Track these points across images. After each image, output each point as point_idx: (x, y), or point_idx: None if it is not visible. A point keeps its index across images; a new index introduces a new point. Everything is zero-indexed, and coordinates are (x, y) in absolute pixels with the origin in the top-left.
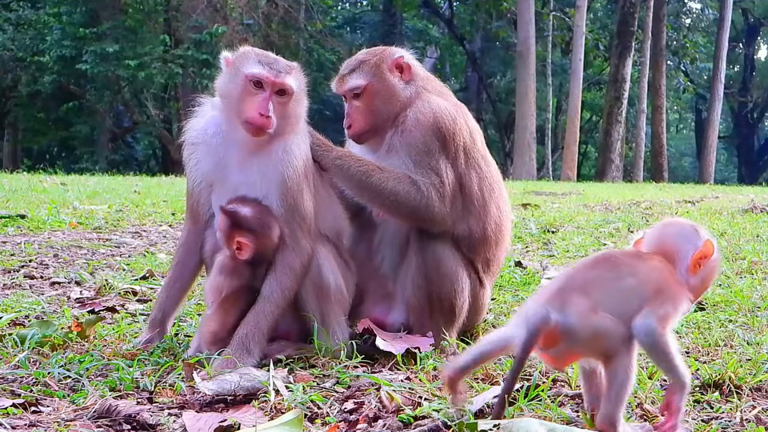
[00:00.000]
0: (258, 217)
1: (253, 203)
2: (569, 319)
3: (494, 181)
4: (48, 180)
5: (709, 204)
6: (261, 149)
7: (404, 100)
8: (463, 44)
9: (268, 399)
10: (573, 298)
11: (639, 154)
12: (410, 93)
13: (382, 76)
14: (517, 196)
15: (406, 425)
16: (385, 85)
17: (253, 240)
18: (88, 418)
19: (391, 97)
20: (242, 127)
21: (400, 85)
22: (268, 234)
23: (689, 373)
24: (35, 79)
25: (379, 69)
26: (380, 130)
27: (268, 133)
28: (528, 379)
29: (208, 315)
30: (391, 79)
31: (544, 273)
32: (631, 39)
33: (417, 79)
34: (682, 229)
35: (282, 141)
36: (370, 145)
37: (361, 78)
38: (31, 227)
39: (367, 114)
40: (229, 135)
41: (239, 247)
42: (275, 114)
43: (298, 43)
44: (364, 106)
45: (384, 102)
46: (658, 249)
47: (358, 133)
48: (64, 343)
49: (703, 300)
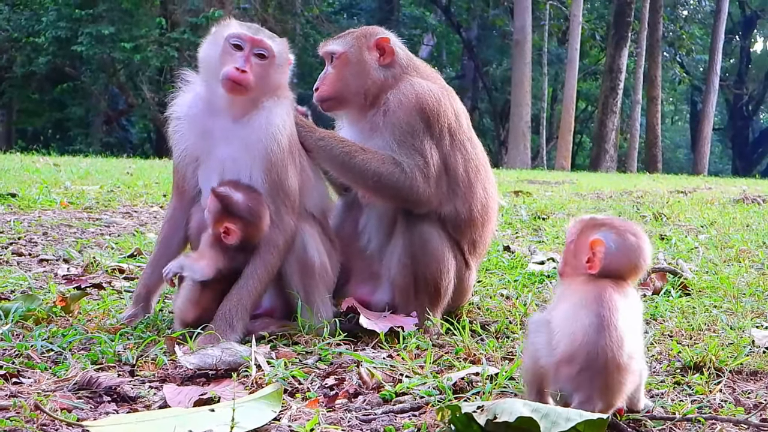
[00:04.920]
0: (250, 205)
1: (246, 189)
2: None
3: (480, 163)
4: (41, 160)
5: (701, 194)
6: (243, 117)
7: (378, 82)
8: (460, 32)
9: (249, 374)
10: None
11: (633, 144)
12: (387, 76)
13: (359, 50)
14: (510, 184)
15: (386, 401)
16: (359, 59)
17: (242, 227)
18: (69, 390)
19: (362, 73)
20: (221, 86)
21: (374, 65)
22: (257, 224)
23: None
24: (30, 60)
25: (358, 42)
26: (346, 103)
27: (246, 91)
28: (511, 359)
29: (188, 292)
30: (366, 56)
31: (532, 257)
32: (627, 29)
33: (398, 64)
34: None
35: (264, 112)
36: (352, 125)
37: (340, 45)
38: (22, 206)
39: (335, 81)
40: (212, 105)
41: (226, 232)
42: (254, 74)
43: (295, 27)
44: (336, 73)
45: (353, 75)
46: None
47: (322, 97)
48: (48, 317)
49: (688, 285)
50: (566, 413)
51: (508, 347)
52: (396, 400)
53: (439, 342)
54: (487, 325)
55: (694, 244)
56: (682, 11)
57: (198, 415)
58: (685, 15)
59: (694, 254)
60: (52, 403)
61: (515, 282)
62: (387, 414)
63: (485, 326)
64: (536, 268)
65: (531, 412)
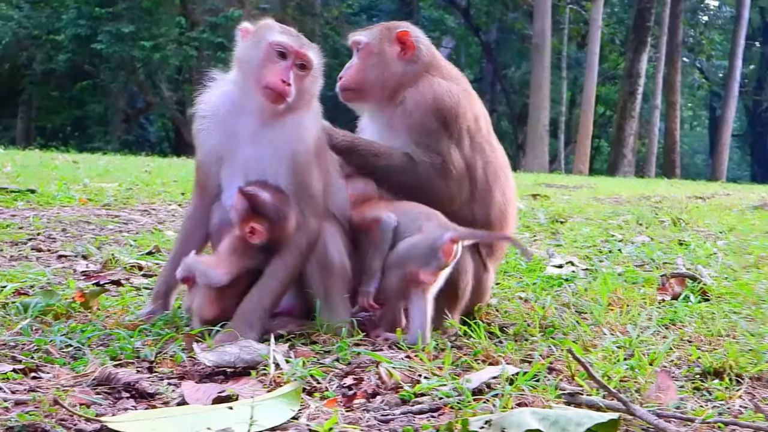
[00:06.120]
0: (277, 205)
1: (274, 190)
2: None
3: (499, 167)
4: (60, 157)
5: (719, 200)
6: (273, 122)
7: (396, 75)
8: (479, 35)
9: (267, 372)
10: None
11: (652, 150)
12: (406, 71)
13: (382, 42)
14: (528, 187)
15: (405, 402)
16: (380, 51)
17: (268, 227)
18: (88, 385)
19: (382, 65)
20: (260, 94)
21: (394, 59)
22: (283, 224)
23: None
24: (50, 58)
25: (382, 34)
26: (366, 95)
27: (285, 102)
28: (529, 361)
29: (207, 291)
30: (387, 49)
31: (550, 261)
32: (647, 34)
33: (420, 61)
34: None
35: (295, 116)
36: (372, 121)
37: (365, 36)
38: (41, 202)
39: (358, 72)
40: (242, 106)
41: (252, 232)
42: (294, 85)
43: (314, 28)
44: (359, 64)
45: (373, 67)
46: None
47: (344, 86)
48: (67, 313)
49: (707, 291)
50: (576, 418)
51: (526, 350)
52: (414, 401)
53: (458, 343)
54: (505, 327)
55: (713, 249)
56: (702, 16)
57: (216, 413)
58: (705, 20)
59: (713, 260)
60: (70, 398)
61: (533, 285)
62: (405, 414)
63: (503, 328)
64: (554, 272)
65: (539, 421)
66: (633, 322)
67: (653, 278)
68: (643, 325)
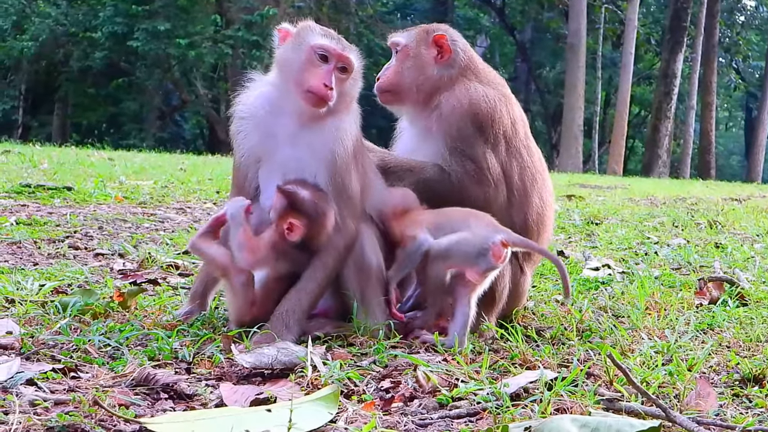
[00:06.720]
0: (316, 202)
1: (313, 188)
2: None
3: (537, 171)
4: (95, 154)
5: (755, 202)
6: (313, 124)
7: (432, 79)
8: (514, 34)
9: (305, 374)
10: None
11: (687, 150)
12: (442, 75)
13: (419, 45)
14: (563, 188)
15: (442, 406)
16: (417, 53)
17: (306, 224)
18: (126, 386)
19: (418, 68)
20: (301, 97)
21: (431, 62)
22: (322, 222)
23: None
24: (86, 55)
25: (419, 37)
26: (402, 98)
27: (327, 106)
28: (567, 366)
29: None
30: (423, 52)
31: (586, 263)
32: (683, 34)
33: (456, 65)
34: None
35: (335, 119)
36: (411, 124)
37: (404, 37)
38: (77, 200)
39: (395, 74)
40: (281, 108)
41: (290, 228)
42: (336, 89)
43: (349, 27)
44: (396, 66)
45: (411, 70)
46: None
47: (381, 88)
48: (105, 312)
49: (745, 295)
50: (617, 425)
51: (563, 354)
52: (452, 405)
53: (494, 347)
54: (542, 330)
55: (750, 253)
56: (738, 17)
57: (255, 415)
58: (741, 21)
59: (751, 263)
60: (110, 399)
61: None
62: (443, 419)
63: (540, 332)
64: (591, 274)
65: (579, 428)
66: (671, 326)
67: (690, 282)
68: (681, 330)
